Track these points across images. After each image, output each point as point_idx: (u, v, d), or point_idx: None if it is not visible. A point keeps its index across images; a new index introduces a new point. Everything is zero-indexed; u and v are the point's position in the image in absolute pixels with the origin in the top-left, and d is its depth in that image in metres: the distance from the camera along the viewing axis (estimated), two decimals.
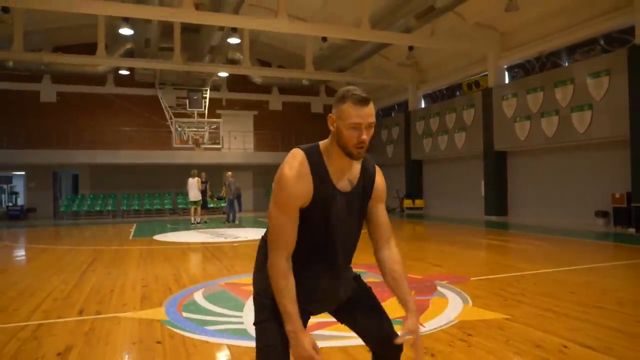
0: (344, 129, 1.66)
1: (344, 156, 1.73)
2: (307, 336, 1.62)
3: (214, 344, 3.61)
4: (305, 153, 1.73)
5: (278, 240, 1.68)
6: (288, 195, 1.67)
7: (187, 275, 6.55)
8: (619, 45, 12.49)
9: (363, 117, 1.65)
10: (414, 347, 1.73)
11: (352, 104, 1.65)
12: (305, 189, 1.69)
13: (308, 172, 1.70)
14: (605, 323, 3.98)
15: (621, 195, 11.81)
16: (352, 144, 1.67)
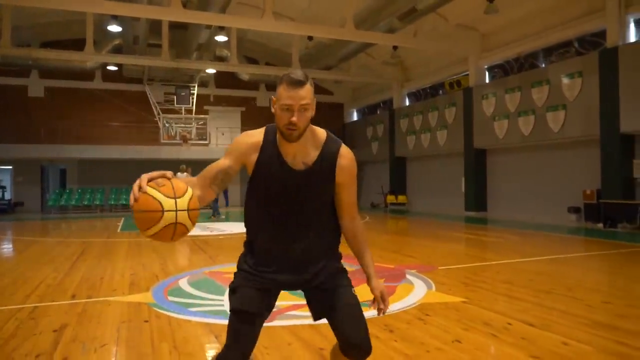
0: (277, 110, 1.74)
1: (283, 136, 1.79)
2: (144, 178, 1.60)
3: (196, 322, 3.99)
4: (266, 128, 1.87)
5: (210, 172, 1.83)
6: (234, 149, 1.85)
7: (173, 265, 6.91)
8: (591, 48, 13.02)
9: (295, 98, 1.69)
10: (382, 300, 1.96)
11: (285, 85, 1.70)
12: (249, 154, 1.83)
13: (259, 143, 1.83)
14: (551, 305, 4.43)
15: (591, 191, 12.35)
16: (282, 124, 1.73)
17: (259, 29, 14.69)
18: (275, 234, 1.89)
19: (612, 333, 3.59)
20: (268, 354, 3.23)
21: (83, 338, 3.59)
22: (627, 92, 11.49)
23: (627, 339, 3.47)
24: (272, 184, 1.83)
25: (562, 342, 3.40)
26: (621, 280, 5.77)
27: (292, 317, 4.09)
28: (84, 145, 20.55)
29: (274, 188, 1.84)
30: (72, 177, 21.94)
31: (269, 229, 1.89)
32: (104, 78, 21.97)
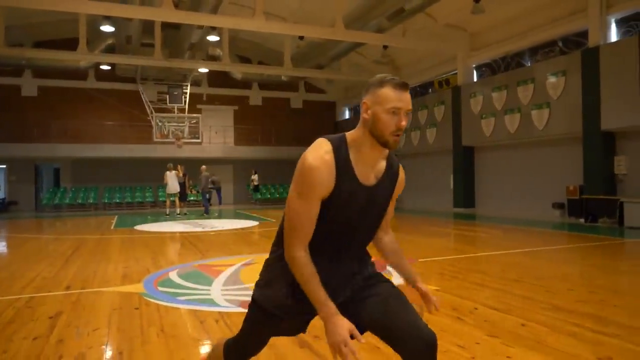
0: (382, 114, 1.60)
1: (376, 146, 1.67)
2: (343, 320, 1.53)
3: (183, 309, 4.26)
4: (331, 143, 1.66)
5: (298, 230, 1.63)
6: (311, 185, 1.60)
7: (164, 259, 7.16)
8: (575, 48, 13.34)
9: (404, 101, 1.61)
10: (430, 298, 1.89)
11: (392, 87, 1.60)
12: (328, 181, 1.62)
13: (332, 164, 1.62)
14: (517, 292, 4.72)
15: (574, 187, 12.67)
16: (389, 130, 1.61)
17: (250, 29, 14.93)
18: (336, 255, 1.77)
19: (569, 316, 3.88)
20: None
21: (77, 323, 3.85)
22: (607, 91, 11.81)
23: (582, 320, 3.76)
24: (344, 206, 1.67)
25: (521, 324, 3.69)
26: (589, 270, 6.07)
27: None
28: (78, 144, 20.72)
29: (345, 209, 1.68)
30: (65, 175, 22.11)
31: (329, 250, 1.74)
32: (98, 77, 22.12)
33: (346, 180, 1.64)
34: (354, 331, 1.52)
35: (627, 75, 11.28)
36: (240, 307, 4.27)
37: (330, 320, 1.54)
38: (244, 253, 7.57)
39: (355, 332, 1.52)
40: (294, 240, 1.63)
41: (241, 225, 12.81)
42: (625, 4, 11.93)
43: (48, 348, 3.26)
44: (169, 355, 3.12)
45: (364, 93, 1.67)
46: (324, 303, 1.56)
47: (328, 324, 1.54)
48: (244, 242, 9.22)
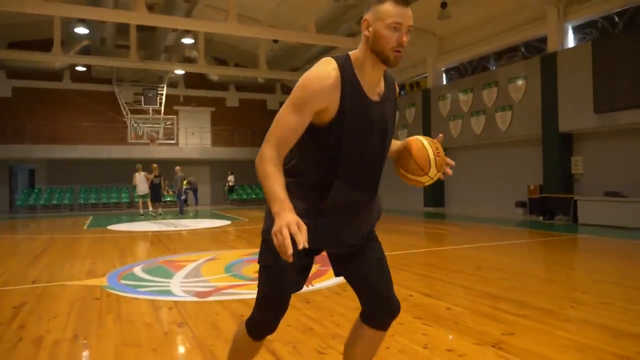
0: (383, 29, 1.58)
1: (378, 64, 1.64)
2: (292, 213, 1.45)
3: (141, 299, 4.57)
4: (336, 60, 1.64)
5: (278, 134, 1.60)
6: (309, 94, 1.57)
7: (131, 256, 7.43)
8: (536, 53, 13.92)
9: (404, 17, 1.58)
10: None
11: (393, 3, 1.57)
12: (330, 96, 1.59)
13: (338, 79, 1.60)
14: (455, 282, 5.12)
15: (535, 187, 13.23)
16: (390, 46, 1.59)
17: (223, 32, 15.23)
18: (356, 184, 1.72)
19: (493, 301, 4.29)
20: (197, 321, 3.83)
21: (39, 312, 4.13)
22: (564, 94, 12.38)
23: (501, 304, 4.17)
24: (358, 122, 1.64)
25: (446, 308, 4.08)
26: (528, 262, 6.52)
27: (226, 294, 4.70)
28: (53, 145, 20.72)
29: (359, 127, 1.65)
30: (41, 177, 22.06)
31: (347, 180, 1.69)
32: (73, 78, 22.13)
33: (354, 97, 1.62)
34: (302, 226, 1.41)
35: (582, 79, 11.86)
36: (195, 297, 4.59)
37: (281, 212, 1.44)
38: (210, 250, 7.87)
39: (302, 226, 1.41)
40: (271, 142, 1.59)
41: (213, 224, 13.09)
42: (581, 12, 12.53)
43: (9, 333, 3.54)
44: (120, 337, 3.43)
45: (365, 10, 1.64)
46: (282, 199, 1.48)
47: (277, 217, 1.44)
48: (213, 240, 9.52)
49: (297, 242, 1.36)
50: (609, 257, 6.84)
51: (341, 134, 1.63)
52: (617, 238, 8.79)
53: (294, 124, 1.58)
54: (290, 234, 1.37)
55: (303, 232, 1.39)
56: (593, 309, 3.97)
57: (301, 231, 1.39)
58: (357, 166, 1.69)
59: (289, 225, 1.39)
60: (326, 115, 1.62)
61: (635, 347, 3.06)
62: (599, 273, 5.59)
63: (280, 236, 1.38)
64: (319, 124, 1.64)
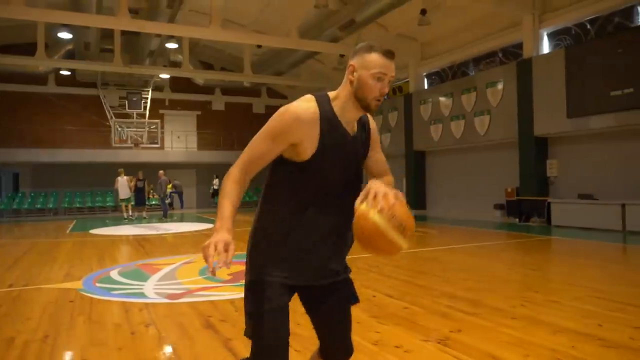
0: (368, 78, 1.64)
1: (358, 109, 1.70)
2: (228, 235, 1.50)
3: (114, 301, 4.74)
4: (316, 98, 1.71)
5: (248, 157, 1.67)
6: (284, 125, 1.63)
7: (110, 260, 7.57)
8: (513, 58, 14.24)
9: (389, 69, 1.65)
10: None
11: (380, 54, 1.64)
12: (306, 130, 1.64)
13: (316, 116, 1.66)
14: (418, 282, 5.35)
15: (512, 189, 13.53)
16: (373, 95, 1.65)
17: (206, 37, 15.39)
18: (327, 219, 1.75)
19: (450, 300, 4.51)
20: (165, 322, 4.00)
21: (13, 314, 4.29)
22: (539, 99, 12.71)
23: (457, 303, 4.39)
24: (336, 157, 1.70)
25: (404, 307, 4.30)
26: (493, 264, 6.76)
27: (197, 296, 4.88)
28: (38, 149, 20.68)
29: (335, 162, 1.71)
30: (25, 180, 21.99)
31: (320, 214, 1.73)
32: (58, 82, 22.10)
33: (333, 133, 1.68)
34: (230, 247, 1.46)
35: (556, 84, 12.18)
36: (167, 299, 4.77)
37: (220, 230, 1.51)
38: (188, 253, 8.03)
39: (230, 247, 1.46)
40: (240, 162, 1.67)
41: (195, 228, 13.23)
42: (555, 19, 12.87)
43: None
44: (88, 337, 3.60)
45: (351, 56, 1.70)
46: (226, 217, 1.55)
47: (215, 232, 1.51)
48: (192, 243, 9.67)
49: (220, 262, 1.42)
50: (571, 258, 7.12)
51: (319, 167, 1.68)
52: (587, 240, 9.09)
53: (264, 150, 1.65)
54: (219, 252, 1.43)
55: (229, 253, 1.45)
56: (541, 307, 4.21)
57: (228, 252, 1.44)
58: (333, 198, 1.74)
59: (217, 244, 1.44)
60: (303, 150, 1.66)
61: (569, 342, 3.30)
62: (556, 273, 5.85)
63: (206, 252, 1.44)
64: (297, 158, 1.69)
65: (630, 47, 10.55)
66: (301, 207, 1.72)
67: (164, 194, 16.75)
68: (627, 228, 10.14)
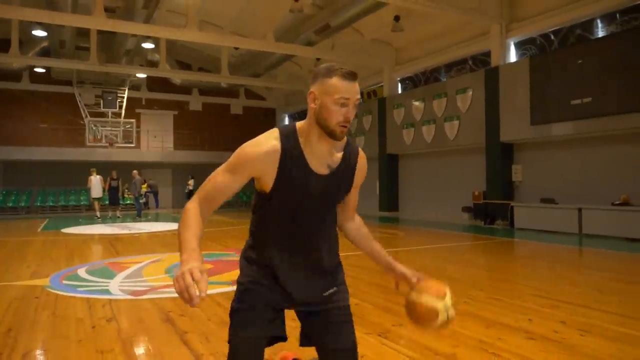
0: (330, 104, 1.57)
1: (324, 136, 1.64)
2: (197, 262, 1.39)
3: (78, 297, 4.91)
4: (279, 132, 1.65)
5: (206, 190, 1.63)
6: (242, 159, 1.61)
7: (79, 258, 7.69)
8: (482, 66, 14.70)
9: (352, 92, 1.58)
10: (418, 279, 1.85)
11: (340, 77, 1.57)
12: (266, 164, 1.61)
13: (277, 149, 1.61)
14: (372, 281, 5.63)
15: (479, 193, 13.98)
16: (336, 121, 1.59)
17: (181, 39, 15.49)
18: (294, 246, 1.75)
19: (394, 297, 4.78)
20: (125, 317, 4.20)
21: None
22: (505, 106, 13.17)
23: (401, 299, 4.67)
24: (295, 194, 1.67)
25: (355, 304, 4.56)
26: (447, 263, 7.10)
27: (160, 293, 5.08)
28: (10, 147, 20.47)
29: (297, 197, 1.68)
30: None
31: (287, 242, 1.74)
32: (32, 79, 21.91)
33: (295, 167, 1.63)
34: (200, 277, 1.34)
35: (521, 92, 12.64)
36: (130, 295, 4.95)
37: (188, 259, 1.41)
38: (157, 252, 8.19)
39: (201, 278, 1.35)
40: (198, 196, 1.63)
41: (168, 227, 13.35)
42: (521, 29, 13.35)
43: None
44: (51, 331, 3.78)
45: (311, 81, 1.64)
46: (193, 249, 1.46)
47: (183, 263, 1.40)
48: (162, 242, 9.82)
49: (199, 289, 1.33)
50: (523, 259, 7.51)
51: (281, 200, 1.67)
52: (544, 242, 9.52)
53: (223, 185, 1.62)
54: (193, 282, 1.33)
55: (204, 280, 1.35)
56: (481, 304, 4.53)
57: (202, 278, 1.35)
58: (293, 232, 1.73)
59: (192, 271, 1.34)
60: (265, 182, 1.65)
61: (497, 334, 3.61)
62: (505, 273, 6.21)
63: (183, 282, 1.32)
64: (260, 189, 1.70)
65: (589, 58, 11.04)
66: (273, 233, 1.74)
67: (138, 193, 16.81)
68: (583, 231, 10.62)
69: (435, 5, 13.06)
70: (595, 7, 11.49)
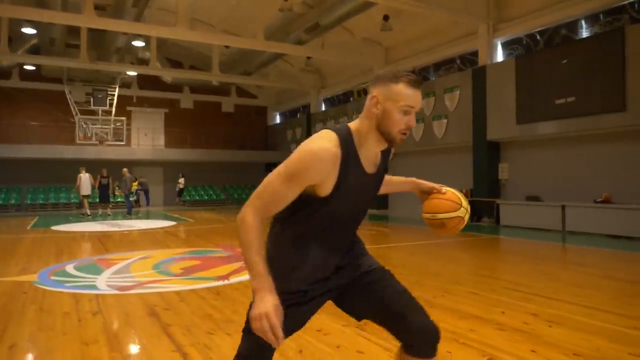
0: (393, 111, 1.56)
1: (381, 142, 1.64)
2: (272, 296, 1.46)
3: (65, 292, 5.00)
4: (337, 135, 1.59)
5: (265, 200, 1.56)
6: (304, 169, 1.53)
7: (68, 255, 7.77)
8: (470, 65, 14.88)
9: (416, 101, 1.58)
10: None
11: (407, 85, 1.56)
12: (327, 172, 1.55)
13: (338, 156, 1.56)
14: None
15: (467, 191, 14.15)
16: (398, 128, 1.58)
17: (171, 37, 15.53)
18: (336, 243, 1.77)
19: None
20: (111, 311, 4.31)
21: None
22: (492, 105, 13.35)
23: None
24: (352, 195, 1.65)
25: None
26: (430, 260, 7.25)
27: (146, 288, 5.19)
28: (0, 144, 20.39)
29: (353, 198, 1.67)
30: None
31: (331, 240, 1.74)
32: (22, 77, 21.84)
33: (353, 172, 1.60)
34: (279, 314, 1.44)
35: (507, 92, 12.83)
36: (117, 291, 5.06)
37: (260, 292, 1.46)
38: (146, 249, 8.28)
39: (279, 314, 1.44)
40: (257, 206, 1.55)
41: (158, 225, 13.42)
42: (508, 29, 13.53)
43: None
44: (37, 324, 3.88)
45: (373, 84, 1.62)
46: (262, 274, 1.48)
47: (257, 295, 1.46)
48: (151, 240, 9.91)
49: (276, 336, 1.40)
50: (504, 255, 7.68)
51: (336, 204, 1.63)
52: (527, 239, 9.70)
53: (283, 194, 1.55)
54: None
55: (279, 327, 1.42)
56: (458, 298, 4.68)
57: (278, 321, 1.42)
58: (339, 230, 1.74)
59: (268, 317, 1.41)
60: (323, 189, 1.59)
61: (470, 326, 3.75)
62: (485, 269, 6.37)
63: (260, 325, 1.41)
64: (312, 193, 1.62)
65: (573, 58, 11.24)
66: (317, 234, 1.69)
67: (128, 191, 16.86)
68: (566, 228, 10.83)
69: (423, 5, 13.22)
70: (580, 8, 11.70)
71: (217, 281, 5.49)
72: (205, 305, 4.41)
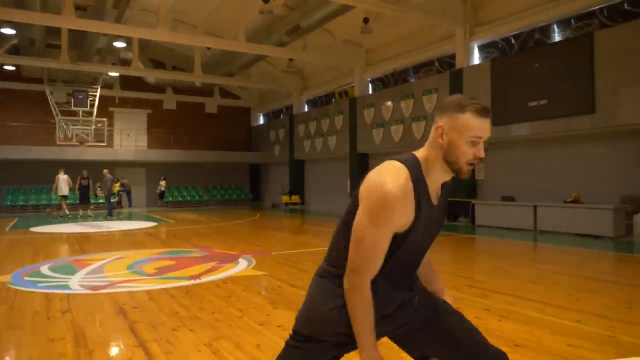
0: (460, 143, 1.49)
1: (447, 172, 1.57)
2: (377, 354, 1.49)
3: (37, 292, 5.10)
4: (407, 169, 1.52)
5: (369, 261, 1.50)
6: (392, 216, 1.47)
7: (44, 256, 7.82)
8: (448, 68, 15.15)
9: (485, 130, 1.50)
10: None
11: (474, 114, 1.48)
12: (409, 211, 1.49)
13: (412, 193, 1.49)
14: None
15: None
16: (465, 160, 1.51)
17: (152, 38, 15.58)
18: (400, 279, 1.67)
19: None
20: (81, 309, 4.42)
21: None
22: None
23: None
24: (423, 229, 1.58)
25: (302, 295, 4.85)
26: None
27: (118, 287, 5.30)
28: None
29: (424, 231, 1.59)
30: None
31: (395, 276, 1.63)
32: (2, 77, 21.66)
33: (424, 206, 1.53)
34: None
35: (483, 94, 13.09)
36: (89, 290, 5.16)
37: (366, 350, 1.48)
38: (122, 249, 8.36)
39: None
40: (367, 270, 1.50)
41: (137, 226, 13.46)
42: (484, 33, 13.82)
43: None
44: (7, 322, 3.98)
45: (439, 113, 1.56)
46: (373, 346, 1.49)
47: (363, 354, 1.49)
48: (129, 241, 9.97)
49: None
50: (473, 254, 7.91)
51: (410, 239, 1.55)
52: (500, 238, 9.96)
53: (380, 245, 1.50)
54: None
55: None
56: None
57: None
58: (406, 266, 1.66)
59: None
60: (402, 226, 1.52)
61: None
62: (450, 267, 6.57)
63: None
64: None
65: (546, 61, 11.55)
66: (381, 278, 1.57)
67: (109, 192, 16.86)
68: (537, 227, 11.12)
69: (402, 9, 13.44)
70: (552, 13, 12.01)
71: (188, 280, 5.62)
72: (174, 303, 4.55)
